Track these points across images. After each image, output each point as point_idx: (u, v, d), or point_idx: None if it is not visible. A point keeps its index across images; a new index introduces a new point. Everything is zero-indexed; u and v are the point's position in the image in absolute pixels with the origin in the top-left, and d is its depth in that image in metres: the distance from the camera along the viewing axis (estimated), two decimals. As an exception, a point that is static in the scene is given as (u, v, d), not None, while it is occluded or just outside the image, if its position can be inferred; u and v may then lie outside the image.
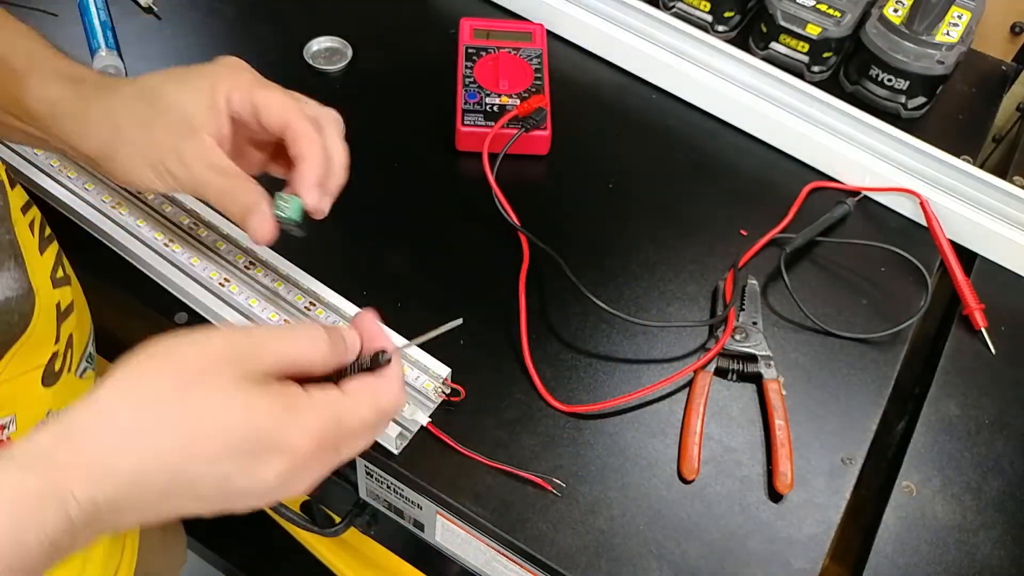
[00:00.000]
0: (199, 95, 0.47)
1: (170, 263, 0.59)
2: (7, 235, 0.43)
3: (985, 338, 0.64)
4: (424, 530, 0.60)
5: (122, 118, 0.47)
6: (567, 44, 0.80)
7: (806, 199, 0.70)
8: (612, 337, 0.61)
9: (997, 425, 0.60)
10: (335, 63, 0.75)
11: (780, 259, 0.65)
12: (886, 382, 0.61)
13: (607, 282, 0.64)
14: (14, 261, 0.43)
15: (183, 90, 0.48)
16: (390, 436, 0.53)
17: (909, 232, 0.70)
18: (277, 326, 0.40)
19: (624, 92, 0.77)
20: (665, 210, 0.70)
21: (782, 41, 0.79)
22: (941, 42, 0.75)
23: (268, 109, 0.48)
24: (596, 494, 0.54)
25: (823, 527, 0.54)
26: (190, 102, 0.47)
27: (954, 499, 0.57)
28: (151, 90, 0.48)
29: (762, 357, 0.60)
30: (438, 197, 0.68)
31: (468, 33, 0.76)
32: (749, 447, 0.57)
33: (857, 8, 0.79)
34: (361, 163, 0.69)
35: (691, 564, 0.52)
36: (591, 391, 0.58)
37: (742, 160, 0.74)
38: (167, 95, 0.47)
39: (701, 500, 0.55)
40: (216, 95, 0.47)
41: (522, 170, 0.69)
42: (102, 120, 0.48)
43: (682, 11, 0.83)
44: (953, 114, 0.80)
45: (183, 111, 0.47)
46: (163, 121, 0.47)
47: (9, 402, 0.44)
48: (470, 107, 0.70)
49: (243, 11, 0.79)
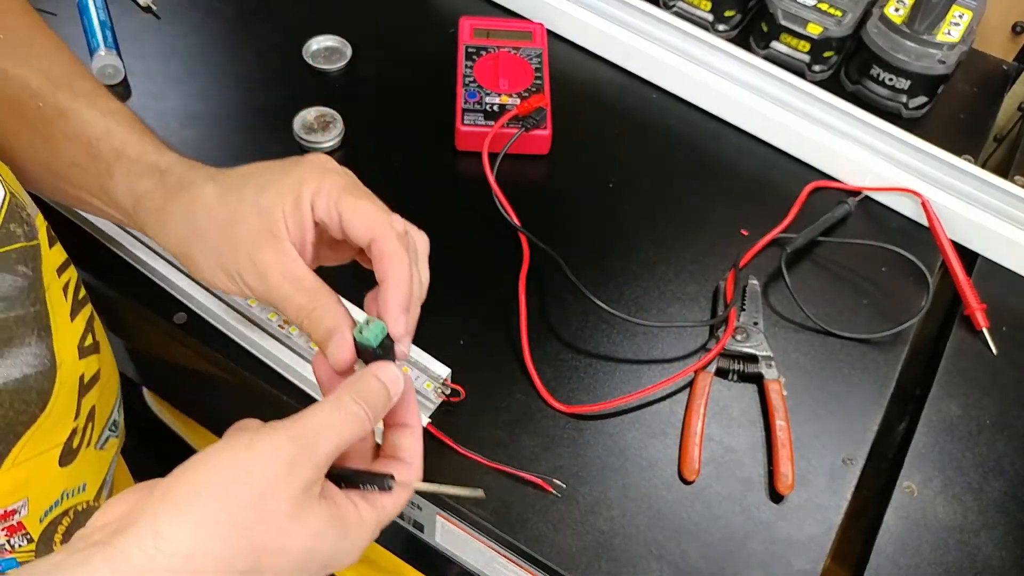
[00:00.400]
0: (282, 199, 0.43)
1: (169, 263, 0.59)
2: (31, 307, 0.40)
3: (986, 338, 0.64)
4: (424, 531, 0.60)
5: (201, 219, 0.44)
6: (567, 43, 0.80)
7: (807, 199, 0.70)
8: (612, 337, 0.61)
9: (998, 425, 0.60)
10: (335, 62, 0.75)
11: (781, 259, 0.64)
12: (887, 382, 0.61)
13: (607, 282, 0.64)
14: (36, 335, 0.41)
15: (265, 193, 0.44)
16: (390, 436, 0.53)
17: (910, 232, 0.69)
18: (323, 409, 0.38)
19: (624, 91, 0.77)
20: (665, 210, 0.69)
21: (783, 40, 0.79)
22: (942, 42, 0.75)
23: (354, 221, 0.43)
24: (596, 495, 0.54)
25: (824, 528, 0.54)
26: (272, 207, 0.43)
27: (955, 500, 0.56)
28: (232, 191, 0.44)
29: (763, 357, 0.60)
30: (438, 197, 0.68)
31: (468, 32, 0.76)
32: (750, 448, 0.57)
33: (858, 7, 0.78)
34: (361, 163, 0.70)
35: (691, 565, 0.52)
36: (591, 391, 0.58)
37: (743, 160, 0.73)
38: (248, 198, 0.44)
39: (702, 501, 0.54)
40: (301, 201, 0.43)
41: (522, 170, 0.69)
42: (182, 219, 0.45)
43: (683, 10, 0.83)
44: (954, 114, 0.80)
45: (264, 217, 0.43)
46: (243, 227, 0.43)
47: (23, 486, 0.42)
48: (470, 106, 0.70)
49: (243, 10, 0.79)
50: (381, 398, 0.40)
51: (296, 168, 0.44)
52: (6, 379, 0.38)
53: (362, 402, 0.39)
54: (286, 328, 0.56)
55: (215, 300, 0.57)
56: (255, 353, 0.57)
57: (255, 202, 0.43)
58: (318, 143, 0.68)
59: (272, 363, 0.56)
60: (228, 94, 0.72)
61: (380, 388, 0.40)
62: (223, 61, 0.75)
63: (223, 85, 0.73)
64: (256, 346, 0.56)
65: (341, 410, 0.38)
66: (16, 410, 0.40)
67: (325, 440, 0.37)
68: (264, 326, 0.56)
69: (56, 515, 0.45)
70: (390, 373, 0.40)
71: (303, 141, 0.68)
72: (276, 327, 0.56)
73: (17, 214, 0.39)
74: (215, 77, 0.73)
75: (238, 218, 0.43)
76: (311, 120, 0.69)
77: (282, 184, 0.43)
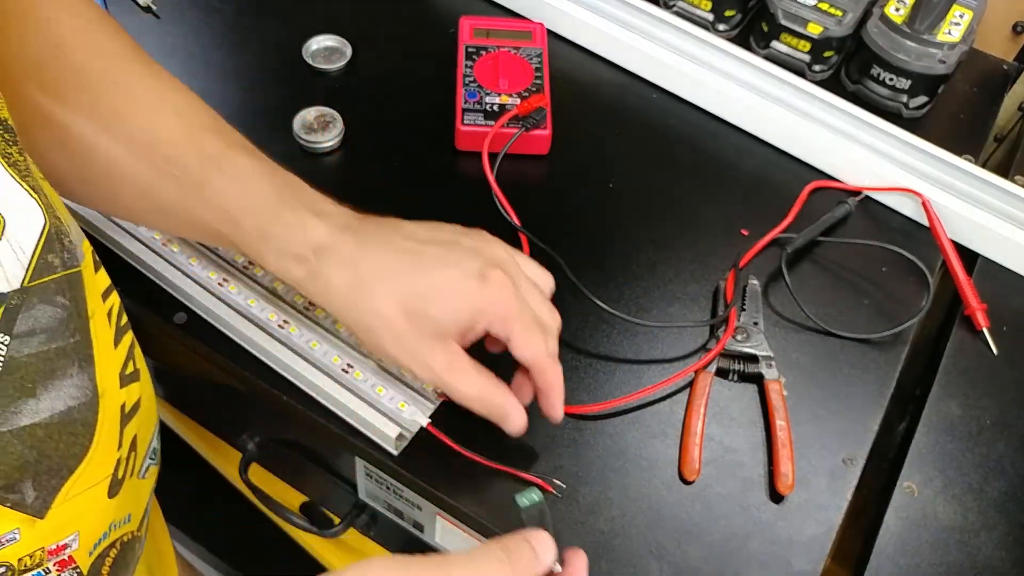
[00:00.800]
0: (459, 317, 0.47)
1: (168, 263, 0.58)
2: (71, 338, 0.39)
3: (987, 338, 0.64)
4: (424, 531, 0.60)
5: (372, 318, 0.47)
6: (567, 43, 0.80)
7: (807, 199, 0.70)
8: (612, 337, 0.61)
9: (999, 426, 0.60)
10: (334, 62, 0.75)
11: (781, 259, 0.64)
12: (887, 382, 0.61)
13: (607, 282, 0.64)
14: (78, 366, 0.40)
15: (444, 308, 0.47)
16: (390, 437, 0.53)
17: (910, 232, 0.69)
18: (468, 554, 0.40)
19: (625, 91, 0.77)
20: (666, 210, 0.69)
21: (783, 40, 0.79)
22: (943, 41, 0.75)
23: (523, 350, 0.48)
24: (596, 495, 0.54)
25: (824, 528, 0.54)
26: (448, 323, 0.47)
27: (956, 500, 0.56)
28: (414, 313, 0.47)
29: (763, 357, 0.60)
30: (438, 197, 0.68)
31: (468, 32, 0.76)
32: (750, 448, 0.57)
33: (858, 7, 0.78)
34: (361, 163, 0.70)
35: (692, 565, 0.52)
36: (591, 391, 0.58)
37: (743, 160, 0.73)
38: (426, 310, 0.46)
39: (702, 501, 0.54)
40: (477, 327, 0.48)
41: (522, 170, 0.69)
42: (349, 314, 0.48)
43: (683, 10, 0.83)
44: (955, 113, 0.80)
45: (439, 326, 0.47)
46: (414, 331, 0.47)
47: (75, 520, 0.41)
48: (470, 106, 0.70)
49: (242, 10, 0.79)
50: (528, 561, 0.41)
51: (480, 299, 0.47)
52: (52, 412, 0.38)
53: (506, 555, 0.40)
54: (286, 328, 0.56)
55: (215, 300, 0.57)
56: (255, 353, 0.57)
57: (441, 312, 0.46)
58: (318, 143, 0.68)
59: (272, 363, 0.56)
60: (228, 94, 0.72)
61: (527, 550, 0.41)
62: (223, 61, 0.75)
63: (223, 85, 0.73)
64: (256, 346, 0.56)
65: (488, 554, 0.40)
66: (66, 443, 0.39)
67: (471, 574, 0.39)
68: (264, 326, 0.56)
69: (104, 547, 0.44)
70: (541, 540, 0.42)
71: (303, 141, 0.68)
72: (276, 327, 0.56)
73: (57, 242, 0.39)
74: (215, 77, 0.73)
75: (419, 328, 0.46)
76: (311, 120, 0.69)
77: (468, 304, 0.47)
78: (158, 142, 0.48)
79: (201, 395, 0.74)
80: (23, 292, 0.36)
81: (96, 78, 0.48)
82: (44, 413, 0.37)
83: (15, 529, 0.38)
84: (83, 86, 0.48)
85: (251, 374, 0.57)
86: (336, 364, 0.55)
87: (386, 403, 0.54)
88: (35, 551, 0.39)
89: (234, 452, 0.73)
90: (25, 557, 0.39)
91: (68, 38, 0.48)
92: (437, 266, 0.47)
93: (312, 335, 0.56)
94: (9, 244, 0.35)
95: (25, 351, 0.36)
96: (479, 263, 0.48)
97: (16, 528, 0.38)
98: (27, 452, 0.37)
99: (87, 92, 0.48)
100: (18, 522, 0.38)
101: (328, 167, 0.69)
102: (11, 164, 0.37)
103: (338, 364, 0.55)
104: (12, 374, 0.36)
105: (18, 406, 0.36)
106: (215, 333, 0.58)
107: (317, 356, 0.55)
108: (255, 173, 0.49)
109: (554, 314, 0.51)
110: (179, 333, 0.58)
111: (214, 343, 0.57)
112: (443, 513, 0.55)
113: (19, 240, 0.36)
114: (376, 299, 0.46)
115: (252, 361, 0.57)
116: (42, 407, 0.37)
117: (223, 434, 0.76)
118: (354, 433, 0.55)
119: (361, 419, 0.53)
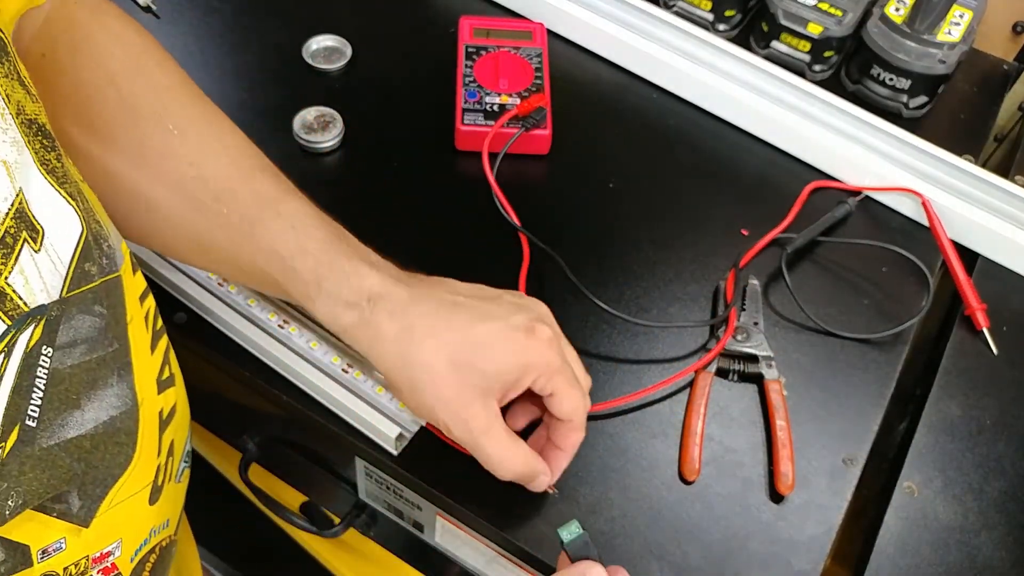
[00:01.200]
0: (507, 370, 0.46)
1: (168, 263, 0.58)
2: (110, 347, 0.39)
3: (987, 338, 0.64)
4: (424, 531, 0.60)
5: (418, 370, 0.46)
6: (567, 43, 0.80)
7: (807, 199, 0.70)
8: (612, 337, 0.61)
9: (999, 426, 0.60)
10: (334, 62, 0.75)
11: (781, 259, 0.64)
12: (888, 382, 0.61)
13: (607, 282, 0.64)
14: (117, 375, 0.40)
15: (492, 361, 0.46)
16: (389, 437, 0.53)
17: (910, 232, 0.69)
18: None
19: (625, 91, 0.77)
20: (666, 210, 0.69)
21: (783, 40, 0.79)
22: (943, 41, 0.75)
23: (563, 404, 0.48)
24: (596, 495, 0.54)
25: (824, 528, 0.54)
26: (495, 377, 0.46)
27: (956, 500, 0.56)
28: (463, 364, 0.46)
29: (763, 357, 0.60)
30: (438, 197, 0.68)
31: (468, 32, 0.76)
32: (750, 448, 0.57)
33: (858, 7, 0.78)
34: (361, 163, 0.70)
35: (692, 565, 0.52)
36: (591, 391, 0.58)
37: (743, 159, 0.73)
38: (474, 363, 0.46)
39: (702, 501, 0.54)
40: (526, 378, 0.47)
41: (522, 170, 0.69)
42: (394, 363, 0.47)
43: (683, 10, 0.83)
44: (955, 113, 0.80)
45: (490, 377, 0.46)
46: (459, 385, 0.46)
47: (118, 527, 0.41)
48: (470, 106, 0.70)
49: (242, 10, 0.79)
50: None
51: (531, 351, 0.47)
52: (96, 423, 0.38)
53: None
54: (286, 328, 0.56)
55: (215, 300, 0.57)
56: (255, 353, 0.57)
57: (489, 365, 0.46)
58: (318, 143, 0.68)
59: (272, 363, 0.56)
60: (228, 94, 0.72)
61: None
62: (223, 61, 0.75)
63: (223, 85, 0.73)
64: (256, 346, 0.56)
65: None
66: (112, 453, 0.39)
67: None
68: (264, 326, 0.56)
69: (144, 553, 0.44)
70: (595, 572, 0.43)
71: (303, 141, 0.68)
72: (276, 327, 0.56)
73: (96, 248, 0.39)
74: (215, 77, 0.73)
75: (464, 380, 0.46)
76: (311, 120, 0.69)
77: (518, 360, 0.46)
78: (208, 179, 0.48)
79: (201, 395, 0.74)
80: (62, 303, 0.36)
81: (146, 115, 0.48)
82: (89, 424, 0.37)
83: (61, 539, 0.38)
84: (133, 122, 0.48)
85: (251, 374, 0.57)
86: (336, 364, 0.55)
87: (386, 403, 0.54)
88: (80, 559, 0.39)
89: (234, 452, 0.73)
90: (70, 566, 0.39)
91: (119, 74, 0.48)
92: (486, 319, 0.47)
93: (312, 335, 0.56)
94: (48, 255, 0.35)
95: (68, 362, 0.36)
96: (525, 317, 0.48)
97: (62, 537, 0.38)
98: (75, 464, 0.37)
99: (136, 128, 0.48)
100: (64, 531, 0.38)
101: (328, 167, 0.68)
102: (49, 171, 0.36)
103: (338, 364, 0.55)
104: (57, 386, 0.36)
105: (64, 419, 0.36)
106: (215, 333, 0.58)
107: (317, 356, 0.55)
108: (309, 218, 0.48)
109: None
110: (179, 333, 0.58)
111: (214, 343, 0.57)
112: (443, 513, 0.55)
113: (57, 250, 0.36)
114: (425, 350, 0.46)
115: (252, 361, 0.57)
116: (87, 418, 0.37)
117: (223, 434, 0.76)
118: (354, 433, 0.55)
119: (361, 419, 0.53)
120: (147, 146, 0.48)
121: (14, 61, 0.36)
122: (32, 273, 0.34)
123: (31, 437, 0.34)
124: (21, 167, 0.34)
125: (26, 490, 0.34)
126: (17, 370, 0.33)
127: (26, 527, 0.36)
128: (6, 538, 0.35)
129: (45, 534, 0.37)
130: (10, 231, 0.33)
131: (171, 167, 0.48)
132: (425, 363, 0.46)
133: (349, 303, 0.47)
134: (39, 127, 0.37)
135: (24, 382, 0.34)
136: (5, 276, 0.33)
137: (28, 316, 0.34)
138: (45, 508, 0.37)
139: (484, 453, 0.47)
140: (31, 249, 0.34)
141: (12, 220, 0.33)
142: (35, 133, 0.36)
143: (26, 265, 0.34)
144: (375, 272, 0.47)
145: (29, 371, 0.34)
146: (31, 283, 0.34)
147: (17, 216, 0.34)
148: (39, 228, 0.35)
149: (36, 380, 0.34)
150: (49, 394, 0.35)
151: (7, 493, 0.34)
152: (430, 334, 0.46)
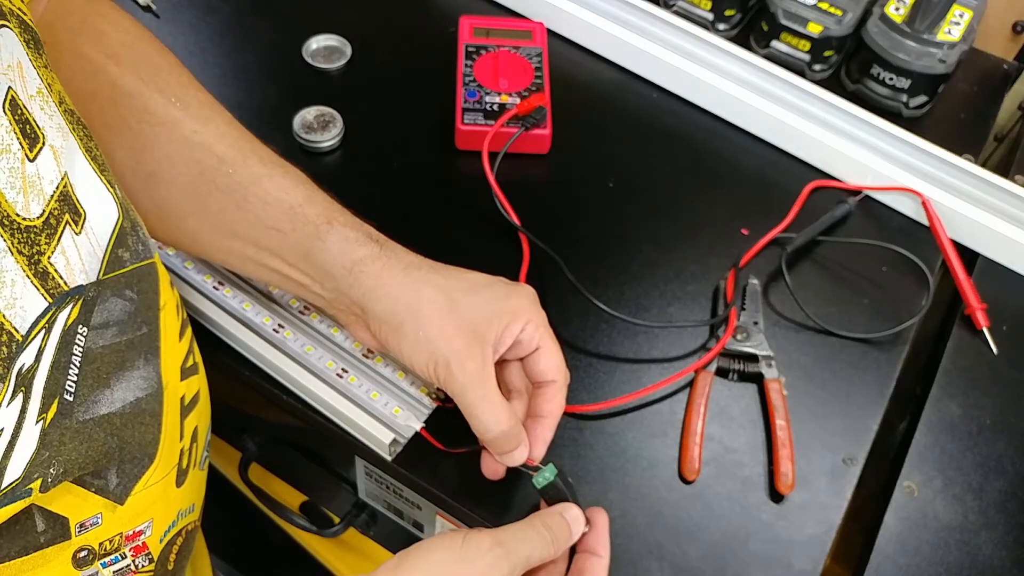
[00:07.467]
0: (502, 317, 0.48)
1: (165, 266, 0.58)
2: (139, 331, 0.40)
3: (987, 338, 0.64)
4: (423, 530, 0.60)
5: (425, 304, 0.47)
6: (567, 42, 0.80)
7: (807, 198, 0.70)
8: (612, 337, 0.61)
9: (999, 425, 0.60)
10: (334, 62, 0.75)
11: (781, 258, 0.64)
12: (887, 382, 0.61)
13: (607, 282, 0.64)
14: (144, 358, 0.41)
15: (493, 305, 0.48)
16: (383, 443, 0.52)
17: (911, 231, 0.69)
18: (519, 526, 0.45)
19: (625, 91, 0.77)
20: (666, 209, 0.69)
21: (783, 39, 0.79)
22: (943, 41, 0.75)
23: (549, 360, 0.49)
24: (596, 495, 0.54)
25: (824, 527, 0.54)
26: (492, 318, 0.48)
27: (956, 499, 0.56)
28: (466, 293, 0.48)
29: (763, 357, 0.60)
30: (438, 196, 0.68)
31: (468, 31, 0.76)
32: (750, 447, 0.57)
33: (858, 7, 0.78)
34: (361, 162, 0.70)
35: (692, 565, 0.52)
36: (591, 391, 0.58)
37: (743, 159, 0.73)
38: (480, 304, 0.48)
39: (702, 501, 0.54)
40: (516, 323, 0.48)
41: (522, 169, 0.69)
42: (402, 296, 0.48)
43: (683, 9, 0.83)
44: (955, 113, 0.80)
45: (482, 324, 0.48)
46: (457, 322, 0.47)
47: (149, 508, 0.43)
48: (470, 106, 0.70)
49: (242, 9, 0.79)
50: (564, 531, 0.46)
51: (516, 296, 0.49)
52: (124, 402, 0.39)
53: (547, 530, 0.45)
54: (281, 332, 0.56)
55: (212, 306, 0.57)
56: (249, 358, 0.57)
57: (483, 308, 0.48)
58: (318, 142, 0.68)
59: (267, 368, 0.56)
60: (228, 93, 0.72)
61: (563, 523, 0.46)
62: (222, 60, 0.75)
63: (223, 84, 0.73)
64: (251, 351, 0.56)
65: (533, 528, 0.45)
66: (139, 432, 0.41)
67: (521, 546, 0.43)
68: (259, 330, 0.56)
69: (172, 535, 0.45)
70: (573, 513, 0.47)
71: (303, 140, 0.68)
72: (271, 331, 0.56)
73: (132, 234, 0.40)
74: (214, 76, 0.73)
75: (462, 318, 0.47)
76: (311, 119, 0.69)
77: (506, 303, 0.49)
78: (211, 144, 0.50)
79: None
80: (99, 285, 0.37)
81: (148, 87, 0.50)
82: (118, 403, 0.39)
83: (98, 514, 0.39)
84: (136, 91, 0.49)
85: (250, 374, 0.56)
86: (331, 369, 0.55)
87: (380, 408, 0.54)
88: (114, 536, 0.41)
89: (234, 452, 0.73)
90: (105, 542, 0.40)
91: (119, 53, 0.50)
92: (478, 279, 0.50)
93: (307, 340, 0.56)
94: (87, 238, 0.37)
95: (100, 343, 0.38)
96: (513, 285, 0.51)
97: (99, 513, 0.39)
98: (109, 440, 0.38)
99: (140, 97, 0.49)
100: (101, 507, 0.39)
101: (328, 166, 0.68)
102: (92, 158, 0.38)
103: (332, 369, 0.55)
104: (90, 364, 0.37)
105: (96, 396, 0.37)
106: (214, 336, 0.58)
107: (312, 361, 0.55)
108: (312, 182, 0.51)
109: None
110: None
111: (211, 345, 0.57)
112: (443, 513, 0.55)
113: (96, 233, 0.38)
114: (431, 285, 0.48)
115: (250, 365, 0.57)
116: (116, 397, 0.39)
117: (223, 434, 0.76)
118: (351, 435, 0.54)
119: (355, 424, 0.53)
120: (150, 112, 0.49)
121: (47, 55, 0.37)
122: (73, 254, 0.35)
123: (69, 410, 0.36)
124: (67, 152, 0.36)
125: (66, 459, 0.36)
126: (56, 346, 0.35)
127: (66, 499, 0.37)
128: (47, 509, 0.37)
129: (83, 507, 0.38)
130: (54, 213, 0.35)
131: (175, 134, 0.49)
132: (431, 298, 0.48)
133: (361, 239, 0.49)
134: (78, 117, 0.38)
135: (62, 358, 0.35)
136: (48, 256, 0.34)
137: (67, 296, 0.35)
138: (84, 483, 0.38)
139: (473, 401, 0.47)
140: (72, 231, 0.36)
141: (57, 202, 0.35)
142: (76, 122, 0.38)
143: (67, 246, 0.35)
144: (375, 231, 0.51)
145: (67, 348, 0.35)
146: (72, 264, 0.35)
147: (62, 199, 0.35)
148: (81, 211, 0.37)
149: (72, 357, 0.36)
150: (84, 371, 0.36)
151: (49, 461, 0.35)
152: (432, 277, 0.49)
